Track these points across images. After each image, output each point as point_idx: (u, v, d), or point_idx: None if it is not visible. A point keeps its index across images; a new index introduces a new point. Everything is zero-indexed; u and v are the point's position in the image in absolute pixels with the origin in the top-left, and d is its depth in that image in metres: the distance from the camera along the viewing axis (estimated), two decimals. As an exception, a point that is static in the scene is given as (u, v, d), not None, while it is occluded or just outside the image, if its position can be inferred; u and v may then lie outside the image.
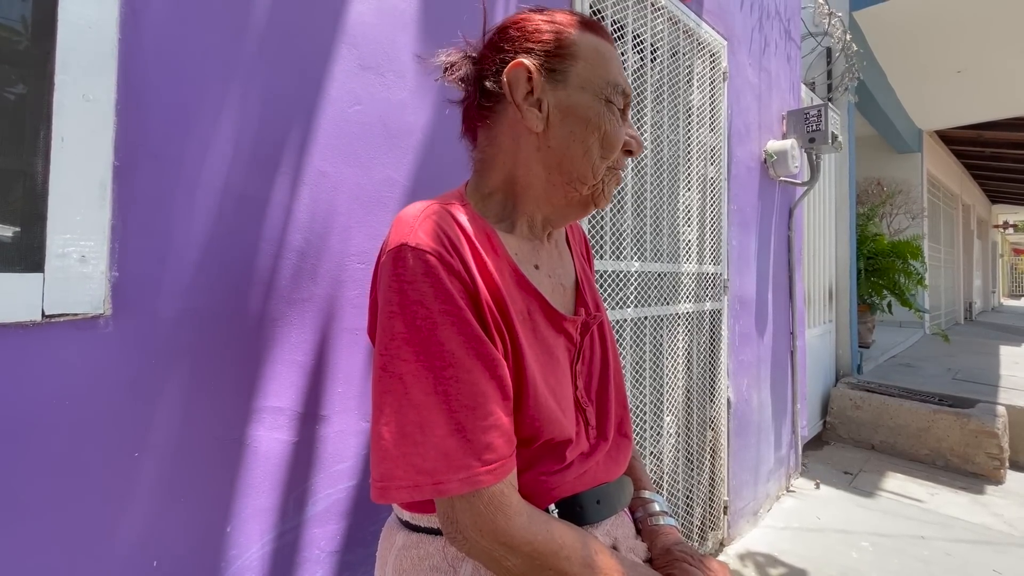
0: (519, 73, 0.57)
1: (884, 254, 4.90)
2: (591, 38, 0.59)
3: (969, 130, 7.14)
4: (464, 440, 0.48)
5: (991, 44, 4.53)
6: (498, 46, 0.61)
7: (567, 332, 0.63)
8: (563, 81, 0.58)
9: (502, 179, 0.62)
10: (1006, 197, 13.00)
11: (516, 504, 0.50)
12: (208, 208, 0.73)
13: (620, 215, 1.60)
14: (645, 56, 1.70)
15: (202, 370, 0.72)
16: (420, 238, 0.51)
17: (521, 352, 0.54)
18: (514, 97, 0.58)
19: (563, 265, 0.69)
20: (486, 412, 0.49)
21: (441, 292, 0.49)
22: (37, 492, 0.59)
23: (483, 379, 0.49)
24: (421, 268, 0.50)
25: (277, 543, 0.80)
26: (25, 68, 0.60)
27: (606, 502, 0.62)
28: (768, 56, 2.51)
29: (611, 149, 0.59)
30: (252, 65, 0.79)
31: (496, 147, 0.62)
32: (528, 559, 0.49)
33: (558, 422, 0.56)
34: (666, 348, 1.80)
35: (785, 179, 2.58)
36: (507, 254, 0.58)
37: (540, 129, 0.58)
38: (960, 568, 2.06)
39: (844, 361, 4.02)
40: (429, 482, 0.47)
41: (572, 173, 0.59)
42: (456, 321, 0.49)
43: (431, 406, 0.48)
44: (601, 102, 0.58)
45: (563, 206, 0.62)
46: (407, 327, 0.49)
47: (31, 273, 0.58)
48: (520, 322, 0.56)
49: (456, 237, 0.53)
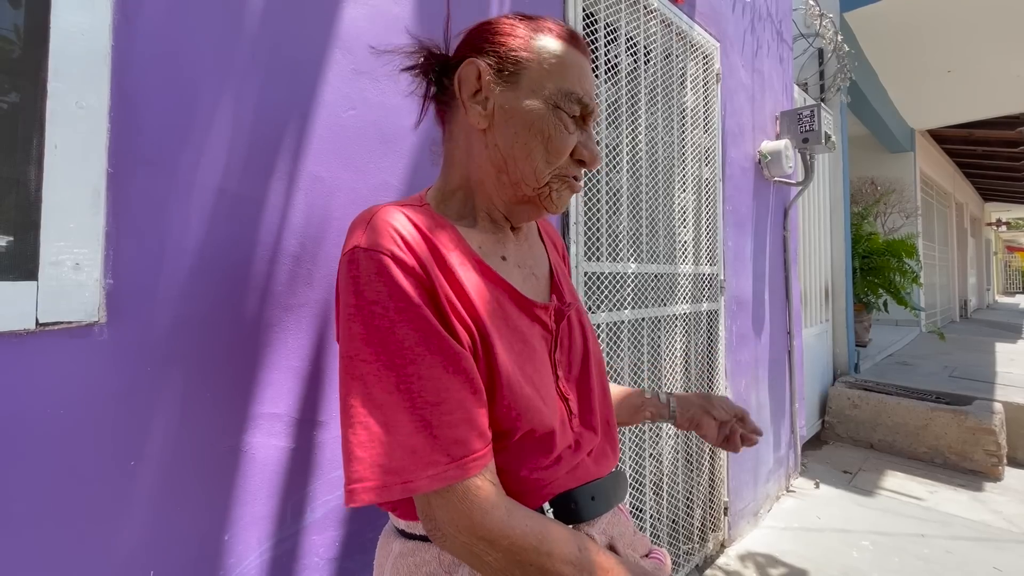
0: (469, 71, 0.59)
1: (879, 253, 4.92)
2: (556, 45, 0.59)
3: (960, 129, 7.20)
4: (430, 436, 0.48)
5: (980, 44, 4.57)
6: (462, 46, 0.63)
7: (541, 320, 0.63)
8: (514, 84, 0.58)
9: (460, 176, 0.63)
10: (999, 195, 13.09)
11: (493, 498, 0.49)
12: (202, 214, 0.73)
13: (616, 217, 1.60)
14: (639, 58, 1.71)
15: (198, 377, 0.72)
16: (372, 239, 0.51)
17: (490, 342, 0.54)
18: (461, 94, 0.60)
19: (534, 256, 0.69)
20: (452, 407, 0.49)
21: (396, 290, 0.50)
22: (32, 502, 0.59)
23: (446, 374, 0.49)
24: (374, 268, 0.50)
25: (275, 551, 0.80)
26: (18, 75, 0.60)
27: (601, 498, 0.62)
28: (761, 57, 2.53)
29: (556, 155, 0.59)
30: (246, 70, 0.78)
31: (454, 143, 0.64)
32: (507, 553, 0.48)
33: (538, 411, 0.56)
34: (664, 349, 1.80)
35: (779, 179, 2.59)
36: (469, 248, 0.59)
37: (483, 127, 0.59)
38: (960, 566, 2.06)
39: (841, 360, 4.03)
40: (398, 481, 0.47)
41: (516, 174, 0.60)
42: (413, 318, 0.49)
43: (394, 405, 0.48)
44: (550, 108, 0.58)
45: (514, 204, 0.62)
46: (365, 327, 0.49)
47: (25, 281, 0.58)
48: (488, 313, 0.56)
49: (410, 234, 0.53)
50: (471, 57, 0.60)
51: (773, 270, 2.62)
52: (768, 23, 2.63)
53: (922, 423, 3.24)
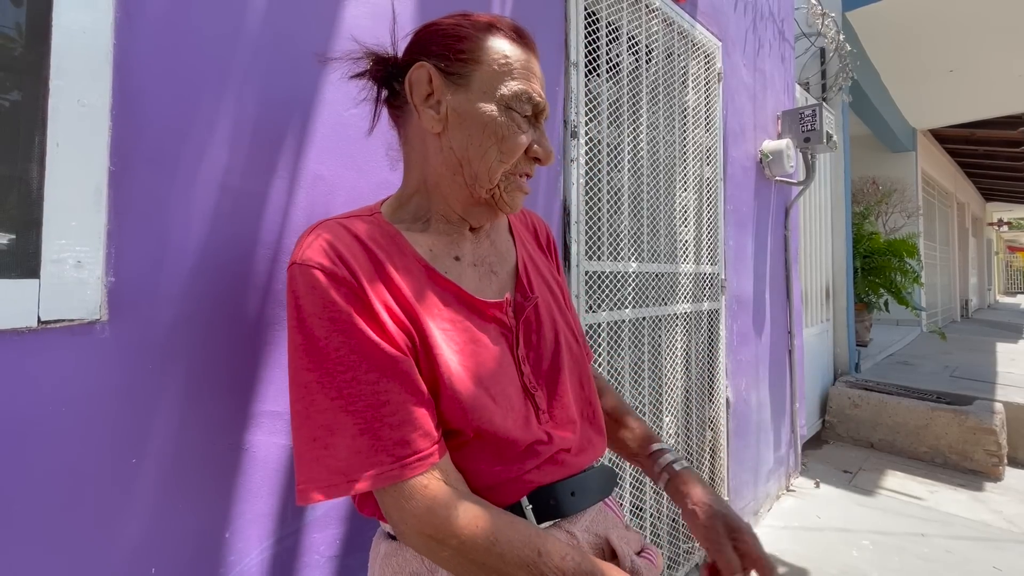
0: (420, 75, 0.59)
1: (880, 253, 4.92)
2: (503, 44, 0.59)
3: (962, 128, 7.18)
4: (373, 438, 0.50)
5: (982, 43, 4.56)
6: (410, 49, 0.63)
7: (496, 318, 0.62)
8: (464, 85, 0.58)
9: (416, 180, 0.64)
10: (1000, 195, 13.08)
11: (440, 497, 0.50)
12: (204, 212, 0.73)
13: (617, 216, 1.60)
14: (640, 57, 1.71)
15: (199, 375, 0.72)
16: (306, 255, 0.54)
17: (429, 344, 0.55)
18: (413, 99, 0.60)
19: (497, 253, 0.69)
20: (392, 409, 0.51)
21: (329, 303, 0.52)
22: (33, 499, 0.59)
23: (383, 378, 0.51)
24: (309, 282, 0.52)
25: (276, 548, 0.80)
26: (19, 73, 0.60)
27: (581, 493, 0.62)
28: (762, 57, 2.53)
29: (509, 154, 0.59)
30: (248, 68, 0.78)
31: (410, 146, 0.65)
32: (457, 552, 0.49)
33: (486, 409, 0.56)
34: (664, 348, 1.80)
35: (781, 179, 2.59)
36: (415, 252, 0.60)
37: (438, 131, 0.60)
38: (960, 565, 2.06)
39: (842, 360, 4.03)
40: (343, 480, 0.49)
41: (472, 175, 0.60)
42: (346, 328, 0.51)
43: (336, 410, 0.50)
44: (502, 108, 0.58)
45: (470, 206, 0.63)
46: (305, 338, 0.52)
47: (27, 279, 0.58)
48: (431, 314, 0.57)
49: (345, 247, 0.55)
50: (420, 60, 0.59)
51: (774, 269, 2.62)
52: (770, 22, 2.62)
53: (923, 423, 3.24)
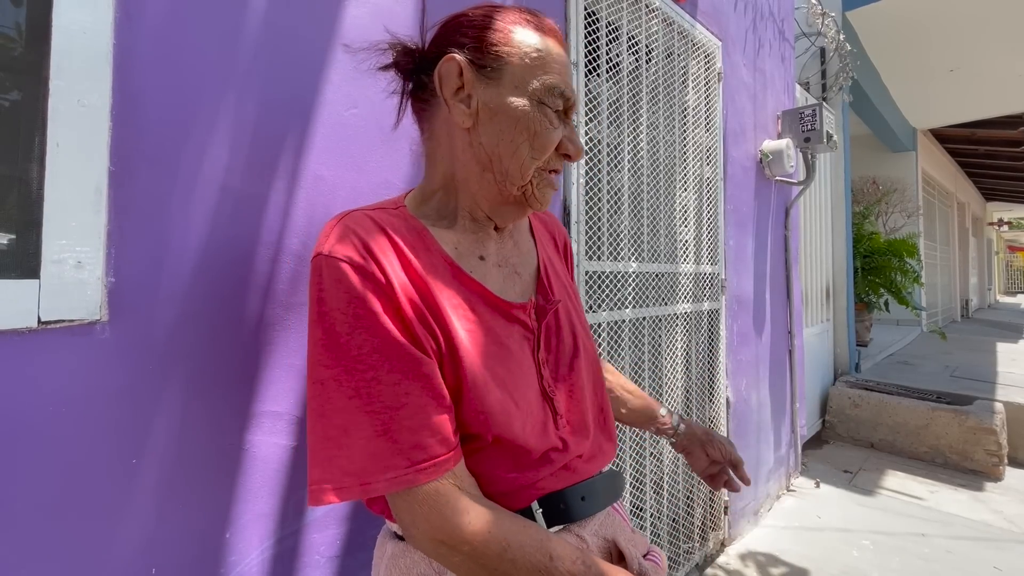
0: (450, 68, 0.57)
1: (880, 252, 4.91)
2: (533, 37, 0.58)
3: (962, 128, 7.17)
4: (390, 441, 0.48)
5: (983, 43, 4.56)
6: (437, 40, 0.61)
7: (520, 320, 0.61)
8: (496, 79, 0.56)
9: (442, 176, 0.62)
10: (1001, 195, 13.06)
11: (454, 503, 0.49)
12: (204, 212, 0.73)
13: (617, 216, 1.60)
14: (640, 57, 1.71)
15: (200, 375, 0.72)
16: (333, 246, 0.52)
17: (455, 345, 0.53)
18: (443, 92, 0.58)
19: (520, 254, 0.68)
20: (411, 412, 0.49)
21: (355, 297, 0.50)
22: (34, 500, 0.59)
23: (405, 379, 0.49)
24: (334, 275, 0.50)
25: (277, 548, 0.80)
26: (19, 74, 0.60)
27: (591, 498, 0.61)
28: (762, 56, 2.53)
29: (542, 150, 0.58)
30: (248, 69, 0.78)
31: (435, 141, 0.62)
32: (468, 558, 0.48)
33: (507, 413, 0.55)
34: (664, 348, 1.80)
35: (781, 179, 2.59)
36: (441, 250, 0.58)
37: (468, 126, 0.58)
38: (961, 565, 2.06)
39: (842, 360, 4.02)
40: (356, 483, 0.48)
41: (502, 172, 0.58)
42: (371, 325, 0.50)
43: (353, 409, 0.49)
44: (534, 103, 0.57)
45: (499, 204, 0.61)
46: (325, 334, 0.50)
47: (27, 279, 0.58)
48: (457, 315, 0.55)
49: (372, 240, 0.53)
50: (449, 52, 0.57)
51: (774, 269, 2.62)
52: (770, 22, 2.62)
53: (923, 423, 3.24)
